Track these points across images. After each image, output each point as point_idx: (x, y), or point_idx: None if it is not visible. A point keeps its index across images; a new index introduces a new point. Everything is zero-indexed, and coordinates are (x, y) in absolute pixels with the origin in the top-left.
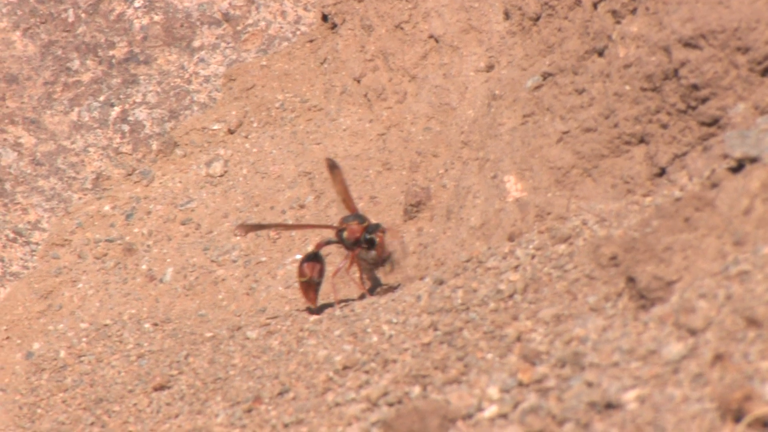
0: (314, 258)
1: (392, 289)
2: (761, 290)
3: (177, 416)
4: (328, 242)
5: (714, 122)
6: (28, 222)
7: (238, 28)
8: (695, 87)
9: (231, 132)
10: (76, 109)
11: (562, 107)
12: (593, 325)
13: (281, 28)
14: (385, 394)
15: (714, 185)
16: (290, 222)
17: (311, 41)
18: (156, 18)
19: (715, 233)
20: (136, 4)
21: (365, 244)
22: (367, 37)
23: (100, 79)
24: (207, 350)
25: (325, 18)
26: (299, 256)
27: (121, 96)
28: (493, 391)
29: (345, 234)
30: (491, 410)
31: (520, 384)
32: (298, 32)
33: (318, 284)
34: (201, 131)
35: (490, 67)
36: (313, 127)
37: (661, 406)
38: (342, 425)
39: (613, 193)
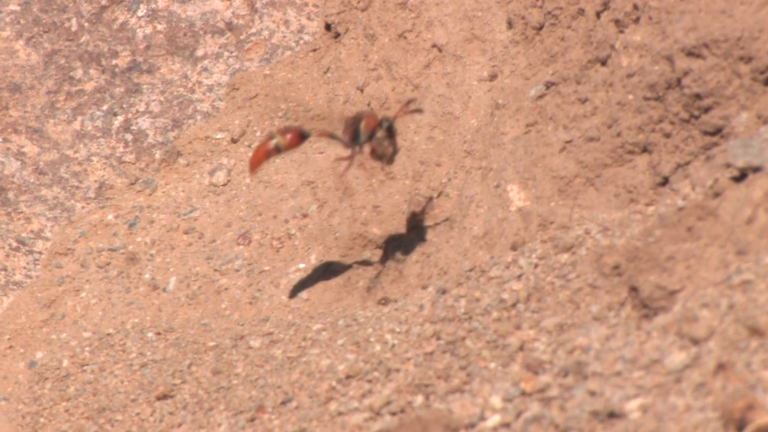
0: (303, 135)
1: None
2: (764, 300)
3: (180, 425)
4: (332, 136)
5: (717, 132)
6: (31, 231)
7: (242, 37)
8: (698, 96)
9: (234, 141)
10: (79, 118)
11: (565, 116)
12: (596, 335)
13: (284, 37)
14: (388, 403)
15: (717, 195)
16: (293, 231)
17: (314, 50)
18: (159, 27)
19: (718, 243)
20: (140, 13)
21: (385, 132)
22: (370, 47)
23: (103, 88)
24: (210, 359)
25: (328, 27)
26: (303, 266)
27: (124, 105)
28: (496, 401)
29: (362, 125)
30: (494, 420)
31: (523, 393)
32: (301, 41)
33: (273, 157)
34: (204, 140)
35: (493, 77)
36: None
37: (664, 416)
38: None
39: (616, 202)
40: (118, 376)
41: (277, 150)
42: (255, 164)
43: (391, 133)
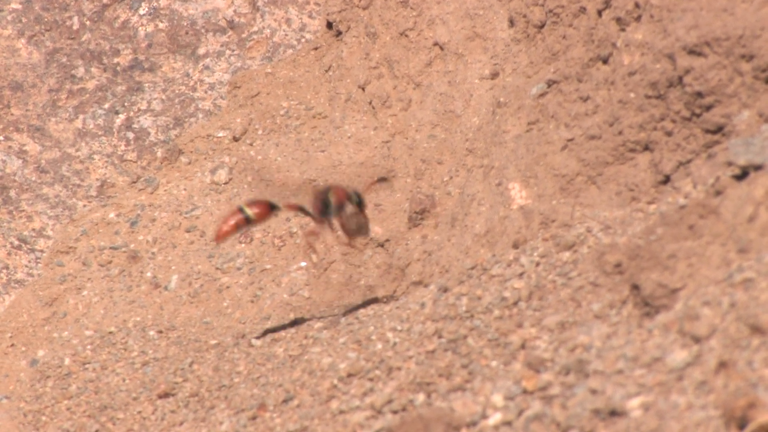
0: (272, 207)
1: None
2: (765, 298)
3: (181, 423)
4: (301, 209)
5: (718, 130)
6: (33, 229)
7: (243, 35)
8: (700, 94)
9: (236, 139)
10: (81, 116)
11: (566, 115)
12: (598, 333)
13: (286, 35)
14: (390, 401)
15: (718, 193)
16: (295, 229)
17: (316, 49)
18: (161, 25)
19: (720, 241)
20: (141, 12)
21: (354, 205)
22: (371, 45)
23: (105, 86)
24: (211, 358)
25: (329, 25)
26: (304, 264)
27: (126, 103)
28: (498, 399)
29: (331, 196)
30: (495, 418)
31: (525, 391)
32: (302, 40)
33: (246, 229)
34: (206, 138)
35: (494, 75)
36: (317, 134)
37: (666, 414)
38: None
39: (618, 200)
40: (119, 374)
41: (248, 221)
42: (222, 236)
43: (360, 205)
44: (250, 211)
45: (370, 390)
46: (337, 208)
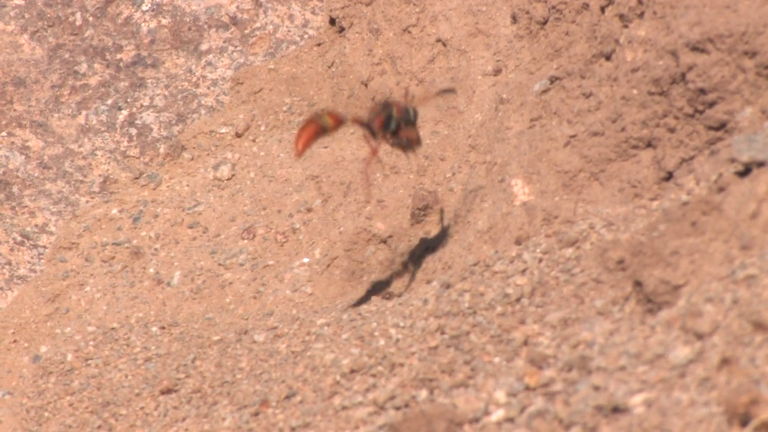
0: (341, 120)
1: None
2: None
3: (184, 420)
4: (365, 124)
5: (721, 126)
6: (36, 225)
7: (246, 31)
8: (702, 91)
9: (238, 135)
10: (84, 112)
11: (569, 111)
12: (600, 329)
13: (289, 31)
14: (392, 397)
15: (721, 189)
16: (298, 226)
17: (319, 45)
18: (163, 21)
19: (722, 237)
20: (144, 8)
21: (412, 119)
22: (374, 41)
23: (108, 82)
24: (214, 354)
25: (332, 21)
26: (307, 260)
27: (129, 99)
28: (500, 395)
29: (394, 111)
30: (498, 414)
31: (527, 388)
32: (305, 36)
33: (325, 136)
34: (208, 135)
35: (497, 71)
36: None
37: (668, 410)
38: (349, 429)
39: (621, 197)
40: (122, 370)
41: (324, 130)
42: (302, 149)
43: (416, 119)
44: (329, 120)
45: (372, 386)
46: (397, 123)
